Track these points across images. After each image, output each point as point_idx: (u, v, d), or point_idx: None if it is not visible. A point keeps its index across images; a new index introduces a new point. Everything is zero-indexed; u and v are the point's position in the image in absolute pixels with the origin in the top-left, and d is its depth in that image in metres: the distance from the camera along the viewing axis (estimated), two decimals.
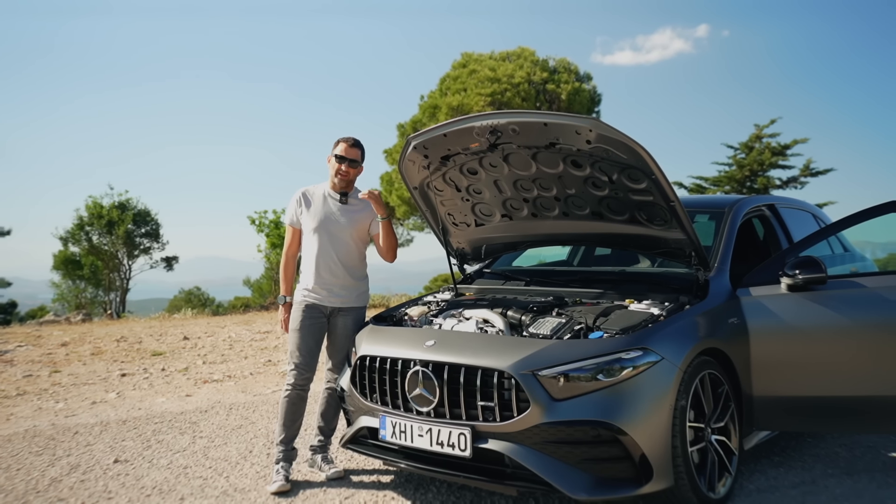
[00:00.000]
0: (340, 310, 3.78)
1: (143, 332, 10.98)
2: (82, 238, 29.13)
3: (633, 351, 2.98)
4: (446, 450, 3.04)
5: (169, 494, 3.50)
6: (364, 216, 3.83)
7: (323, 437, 3.84)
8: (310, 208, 3.81)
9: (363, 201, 3.81)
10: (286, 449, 3.68)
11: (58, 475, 3.83)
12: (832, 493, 3.36)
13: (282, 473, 3.59)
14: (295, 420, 3.71)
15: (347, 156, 3.76)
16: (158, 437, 4.63)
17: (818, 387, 3.43)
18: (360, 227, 3.82)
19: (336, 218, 3.78)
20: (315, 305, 3.74)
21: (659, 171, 3.22)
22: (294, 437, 3.72)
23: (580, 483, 2.84)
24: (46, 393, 6.30)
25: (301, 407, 3.73)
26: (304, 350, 3.70)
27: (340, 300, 3.78)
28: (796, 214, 4.79)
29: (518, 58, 19.83)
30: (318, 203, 3.81)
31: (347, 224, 3.78)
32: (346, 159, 3.76)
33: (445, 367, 3.10)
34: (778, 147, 22.60)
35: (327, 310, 3.77)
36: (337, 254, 3.76)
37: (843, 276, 3.63)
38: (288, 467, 3.64)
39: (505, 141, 3.47)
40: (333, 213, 3.79)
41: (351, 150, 3.77)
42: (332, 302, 3.76)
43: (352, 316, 3.81)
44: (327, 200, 3.82)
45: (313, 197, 3.83)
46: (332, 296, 3.76)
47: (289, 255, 3.93)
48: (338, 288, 3.77)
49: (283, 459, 3.66)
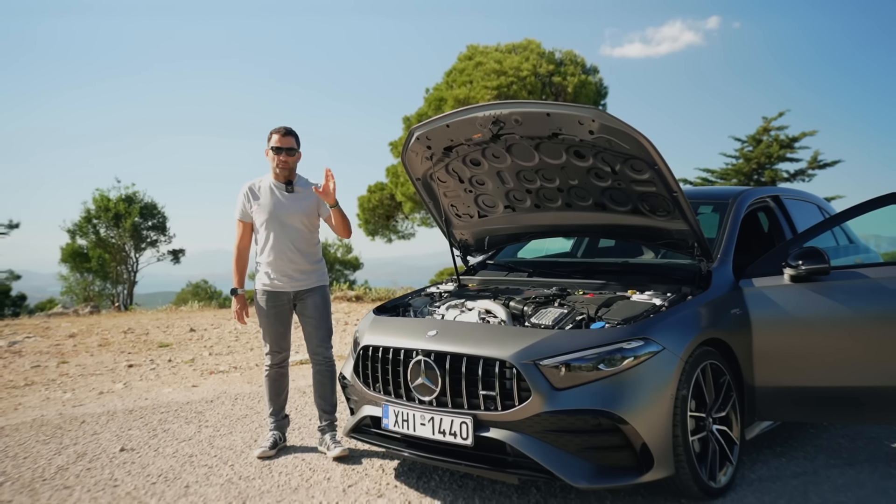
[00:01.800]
0: (304, 292, 3.98)
1: (150, 324, 11.05)
2: (90, 231, 29.31)
3: (635, 341, 2.98)
4: (448, 438, 3.06)
5: (174, 482, 3.53)
6: (311, 202, 3.98)
7: (328, 415, 4.03)
8: (258, 201, 3.94)
9: (308, 186, 3.98)
10: (277, 419, 4.06)
11: (64, 463, 3.87)
12: (834, 482, 3.37)
13: (269, 441, 3.95)
14: (280, 393, 4.07)
15: (283, 145, 3.90)
16: (164, 426, 4.67)
17: (820, 377, 3.43)
18: (309, 213, 3.97)
19: (285, 207, 3.92)
20: (277, 293, 3.94)
21: (662, 161, 3.22)
22: (282, 407, 4.09)
23: (581, 471, 2.85)
24: (54, 383, 6.37)
25: (283, 381, 4.08)
26: (275, 335, 3.99)
27: (301, 284, 3.97)
28: (801, 206, 4.78)
29: (524, 50, 19.77)
30: (265, 195, 3.94)
31: (297, 211, 3.93)
32: (283, 149, 3.89)
33: (447, 356, 3.12)
34: (786, 140, 22.48)
35: (290, 294, 3.96)
36: (291, 241, 3.93)
37: (846, 266, 3.62)
38: (278, 435, 4.00)
39: (508, 131, 3.47)
40: (281, 203, 3.93)
41: (284, 139, 3.91)
42: (293, 287, 3.95)
43: (318, 293, 4.01)
44: (274, 191, 3.95)
45: (260, 190, 3.97)
46: (293, 281, 3.95)
47: (240, 248, 4.03)
48: (297, 273, 3.95)
49: (276, 428, 4.04)
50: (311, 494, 3.32)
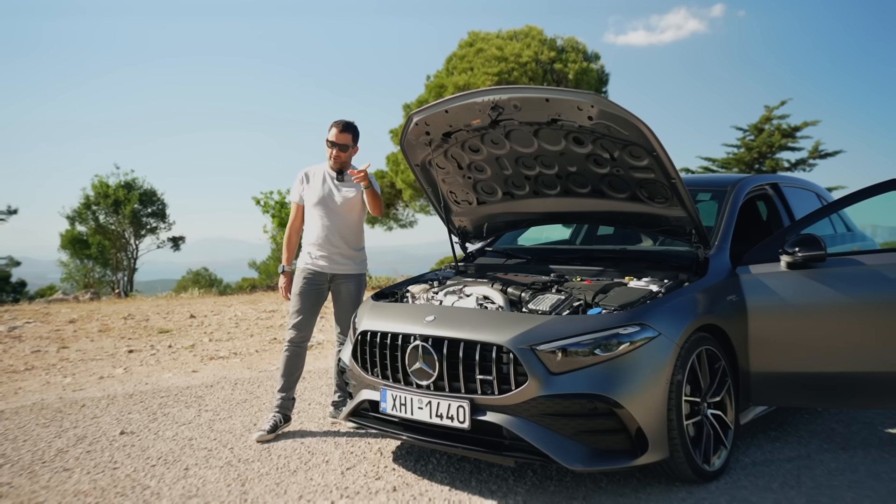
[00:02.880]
0: (342, 276, 4.16)
1: (150, 311, 11.08)
2: (89, 217, 29.28)
3: (631, 326, 3.00)
4: (445, 422, 3.09)
5: (174, 464, 3.57)
6: (357, 192, 4.17)
7: (343, 393, 4.16)
8: (311, 185, 4.21)
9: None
10: (285, 397, 4.11)
11: (64, 446, 3.91)
12: (827, 466, 3.40)
13: (269, 424, 3.99)
14: (293, 372, 4.14)
15: (338, 141, 4.12)
16: (164, 410, 4.71)
17: (815, 363, 3.45)
18: (354, 201, 4.17)
19: (333, 194, 4.17)
20: (317, 272, 4.14)
21: (660, 147, 3.22)
22: (292, 386, 4.15)
23: (576, 454, 2.88)
24: (54, 368, 6.40)
25: (299, 361, 4.15)
26: (304, 311, 4.11)
27: (341, 267, 4.16)
28: (800, 194, 4.79)
29: (525, 37, 19.67)
30: (317, 181, 4.20)
31: (343, 199, 4.15)
32: (337, 144, 4.12)
33: (445, 341, 3.14)
34: (788, 129, 22.43)
35: (328, 276, 4.16)
36: (336, 226, 4.15)
37: (842, 253, 3.63)
38: (279, 418, 4.05)
39: (507, 117, 3.47)
40: (331, 190, 4.17)
41: (341, 135, 4.11)
42: (333, 269, 4.15)
43: (354, 281, 4.20)
44: (326, 179, 4.20)
45: (314, 176, 4.23)
46: (334, 264, 4.15)
47: (292, 230, 4.32)
48: (338, 256, 4.15)
49: (279, 409, 4.09)
50: (309, 477, 3.35)
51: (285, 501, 3.06)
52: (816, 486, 3.15)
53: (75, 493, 3.19)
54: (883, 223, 5.04)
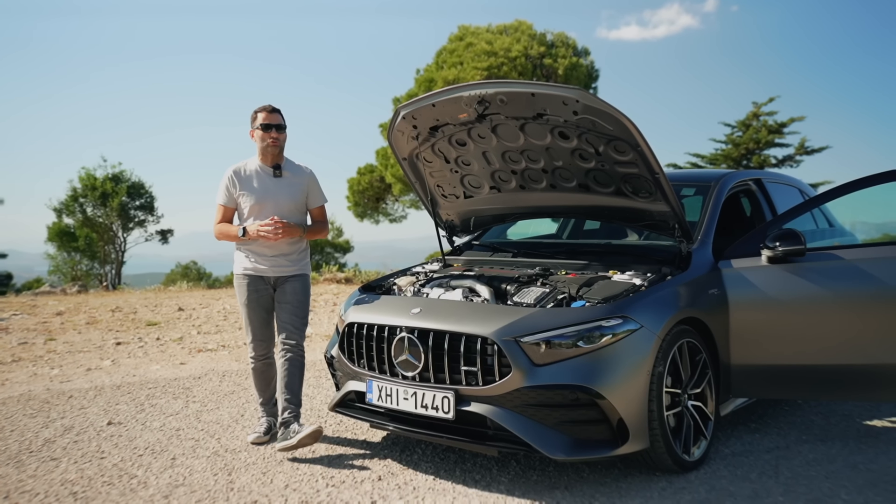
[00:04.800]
0: (286, 278, 3.77)
1: (138, 303, 11.05)
2: (76, 210, 29.05)
3: (613, 319, 3.05)
4: (430, 412, 3.13)
5: (161, 454, 3.59)
6: (299, 187, 3.80)
7: (294, 408, 3.62)
8: (245, 186, 3.73)
9: (297, 172, 3.82)
10: (268, 407, 3.90)
11: (51, 436, 3.92)
12: (805, 457, 3.47)
13: (263, 427, 3.80)
14: (268, 384, 3.88)
15: (272, 122, 3.70)
16: (152, 401, 4.72)
17: (794, 356, 3.52)
18: (297, 199, 3.80)
19: (272, 193, 3.73)
20: (259, 277, 3.74)
21: (644, 142, 3.27)
22: (272, 396, 3.90)
23: (558, 444, 2.93)
24: (41, 360, 6.38)
25: (270, 372, 3.86)
26: (258, 322, 3.77)
27: (285, 269, 3.76)
28: (783, 189, 4.85)
29: (515, 31, 19.69)
30: (252, 180, 3.74)
31: (286, 198, 3.75)
32: (272, 126, 3.69)
33: (430, 333, 3.18)
34: (775, 125, 22.60)
35: (272, 280, 3.76)
36: None
37: (821, 248, 3.70)
38: (272, 420, 3.83)
39: (493, 111, 3.50)
40: (269, 188, 3.73)
41: (272, 115, 3.72)
42: (276, 272, 3.75)
43: (300, 280, 3.80)
44: (261, 176, 3.75)
45: (246, 174, 3.75)
46: (278, 267, 3.75)
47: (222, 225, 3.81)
48: (282, 259, 3.75)
49: (267, 414, 3.88)
50: (295, 466, 3.38)
51: (271, 490, 3.09)
52: (794, 477, 3.21)
53: (62, 482, 3.21)
54: (871, 220, 5.13)
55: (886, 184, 3.59)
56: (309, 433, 3.42)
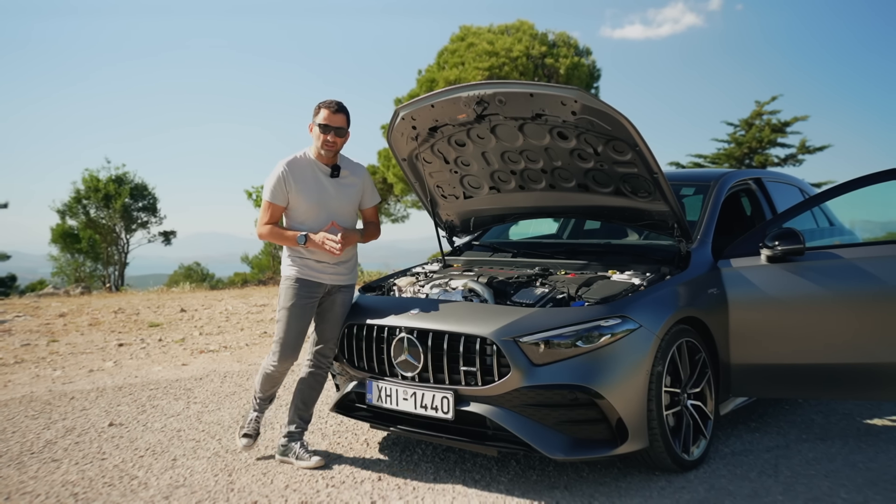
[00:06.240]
0: (338, 287, 3.55)
1: (140, 305, 11.08)
2: (79, 211, 29.12)
3: (612, 319, 3.06)
4: (430, 413, 3.14)
5: (162, 455, 3.60)
6: (356, 189, 3.57)
7: (304, 423, 3.55)
8: (300, 185, 3.44)
9: (354, 171, 3.60)
10: (264, 402, 3.65)
11: (53, 437, 3.93)
12: (805, 456, 3.47)
13: (252, 426, 3.57)
14: (273, 387, 3.63)
15: (332, 124, 3.39)
16: (153, 402, 4.74)
17: (793, 355, 3.52)
18: (353, 203, 3.58)
19: (329, 195, 3.48)
20: (315, 283, 3.47)
21: (643, 142, 3.27)
22: (272, 397, 3.68)
23: (557, 444, 2.94)
24: (44, 361, 6.41)
25: (279, 380, 3.61)
26: (296, 331, 3.44)
27: (340, 278, 3.55)
28: (783, 188, 4.85)
29: (517, 31, 19.69)
30: (308, 179, 3.46)
31: (343, 200, 3.52)
32: (332, 128, 3.39)
33: (430, 333, 3.19)
34: (777, 124, 22.56)
35: (326, 288, 3.51)
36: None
37: (821, 247, 3.70)
38: (260, 417, 3.61)
39: (492, 112, 3.50)
40: (326, 190, 3.47)
41: (335, 116, 3.40)
42: (332, 280, 3.51)
43: (350, 292, 3.62)
44: (318, 175, 3.47)
45: (301, 172, 3.46)
46: (336, 275, 3.53)
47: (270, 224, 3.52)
48: (342, 267, 3.54)
49: (258, 409, 3.62)
50: (296, 467, 3.39)
51: (271, 491, 3.10)
52: (794, 476, 3.21)
53: (63, 483, 3.22)
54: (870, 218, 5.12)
55: (886, 182, 3.59)
56: (311, 466, 3.37)
